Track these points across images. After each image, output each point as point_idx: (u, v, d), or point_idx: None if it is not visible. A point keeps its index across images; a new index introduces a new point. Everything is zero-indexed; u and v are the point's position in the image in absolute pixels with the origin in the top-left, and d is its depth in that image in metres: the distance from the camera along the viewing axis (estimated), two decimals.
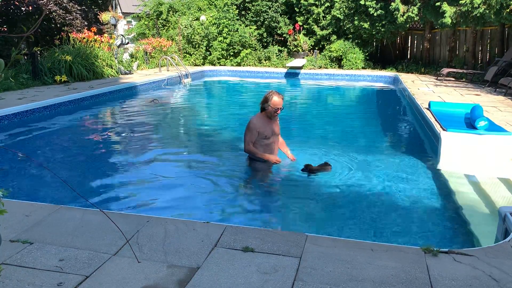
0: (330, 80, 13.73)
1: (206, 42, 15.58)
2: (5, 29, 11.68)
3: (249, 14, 16.12)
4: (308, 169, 4.49)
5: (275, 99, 4.50)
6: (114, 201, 3.98)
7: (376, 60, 15.49)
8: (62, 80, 9.80)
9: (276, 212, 3.84)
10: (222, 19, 15.43)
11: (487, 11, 9.50)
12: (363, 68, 14.55)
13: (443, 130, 5.28)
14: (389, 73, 13.74)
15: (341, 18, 14.59)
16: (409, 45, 15.82)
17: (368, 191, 4.21)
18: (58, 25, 12.45)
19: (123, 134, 6.87)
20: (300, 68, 14.16)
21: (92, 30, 11.71)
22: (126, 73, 12.10)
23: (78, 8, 12.99)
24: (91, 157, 5.52)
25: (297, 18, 15.58)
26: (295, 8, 15.59)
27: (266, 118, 4.61)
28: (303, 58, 15.04)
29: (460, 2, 10.19)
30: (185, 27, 15.58)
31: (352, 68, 14.45)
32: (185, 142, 6.44)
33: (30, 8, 11.51)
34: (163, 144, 6.18)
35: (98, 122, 7.81)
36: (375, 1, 13.54)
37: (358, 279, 2.23)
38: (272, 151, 4.69)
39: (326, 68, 14.75)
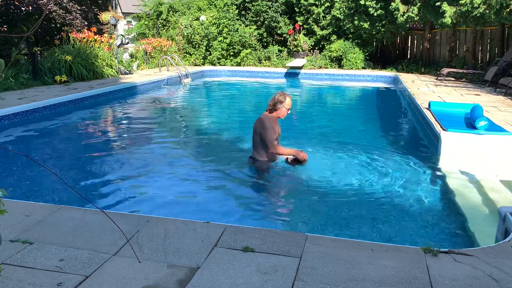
0: (330, 80, 13.73)
1: (206, 42, 15.58)
2: (5, 29, 11.67)
3: (249, 14, 16.12)
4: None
5: (288, 100, 4.59)
6: (114, 201, 3.98)
7: (376, 60, 15.50)
8: (62, 80, 9.80)
9: (276, 212, 3.84)
10: (222, 19, 15.43)
11: (487, 11, 9.50)
12: (363, 68, 14.55)
13: (443, 130, 5.28)
14: (389, 73, 13.74)
15: (341, 18, 14.59)
16: (409, 45, 15.82)
17: (368, 191, 4.21)
18: (58, 25, 12.44)
19: (123, 134, 6.87)
20: (300, 68, 14.16)
21: (92, 30, 11.71)
22: (126, 73, 12.10)
23: (78, 8, 12.99)
24: (91, 157, 5.51)
25: (297, 18, 15.58)
26: (295, 8, 15.60)
27: (275, 118, 4.65)
28: (303, 58, 15.04)
29: (460, 2, 10.20)
30: (185, 27, 15.58)
31: (352, 68, 14.45)
32: (185, 142, 6.44)
33: (30, 8, 11.51)
34: (163, 144, 6.18)
35: (98, 122, 7.81)
36: (375, 1, 13.54)
37: (358, 279, 2.23)
38: None
39: (326, 68, 14.75)
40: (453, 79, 11.97)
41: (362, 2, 13.67)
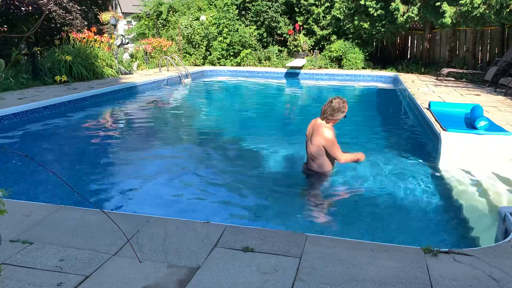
0: (330, 80, 13.73)
1: (206, 42, 15.58)
2: (5, 29, 11.67)
3: (249, 14, 16.12)
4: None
5: (347, 107, 4.24)
6: (114, 201, 3.98)
7: (376, 60, 15.48)
8: (62, 80, 9.81)
9: (276, 212, 3.84)
10: (222, 19, 15.43)
11: (487, 11, 9.50)
12: (363, 68, 14.55)
13: (443, 130, 5.28)
14: (389, 73, 13.74)
15: (341, 18, 14.59)
16: (409, 45, 15.81)
17: (368, 191, 4.21)
18: (58, 25, 12.44)
19: (123, 134, 6.87)
20: (300, 68, 14.16)
21: (92, 30, 11.72)
22: (126, 73, 12.10)
23: (78, 8, 12.98)
24: (91, 157, 5.52)
25: (297, 18, 15.58)
26: (295, 8, 15.59)
27: (331, 125, 4.33)
28: (303, 58, 15.04)
29: (460, 2, 10.19)
30: (185, 27, 15.58)
31: (352, 68, 14.44)
32: (185, 142, 6.44)
33: (30, 8, 11.50)
34: (163, 144, 6.18)
35: (98, 122, 7.81)
36: (375, 1, 13.53)
37: (358, 279, 2.23)
38: None
39: (326, 68, 14.75)
40: (453, 79, 11.97)
41: (362, 2, 13.67)
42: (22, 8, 11.50)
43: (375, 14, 13.62)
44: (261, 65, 15.56)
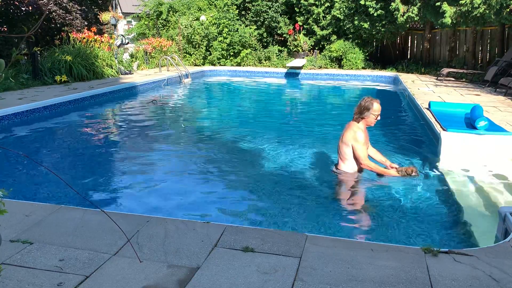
0: (330, 80, 13.73)
1: (206, 42, 15.58)
2: (5, 29, 11.67)
3: (249, 14, 16.12)
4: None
5: (376, 106, 4.20)
6: (114, 201, 3.98)
7: (376, 60, 15.49)
8: (62, 80, 9.81)
9: (276, 212, 3.84)
10: (222, 19, 15.44)
11: (487, 11, 9.50)
12: (363, 68, 14.55)
13: (443, 130, 5.29)
14: (389, 73, 13.74)
15: (341, 18, 14.59)
16: (409, 45, 15.82)
17: (368, 191, 4.21)
18: (58, 25, 12.44)
19: (123, 134, 6.87)
20: (300, 68, 14.16)
21: (92, 30, 11.71)
22: (126, 73, 12.10)
23: (78, 8, 12.98)
24: (91, 157, 5.51)
25: (297, 18, 15.59)
26: (295, 8, 15.60)
27: (364, 127, 4.30)
28: (303, 58, 15.04)
29: (460, 2, 10.19)
30: (185, 27, 15.58)
31: (352, 68, 14.45)
32: (185, 142, 6.44)
33: (30, 8, 11.50)
34: (163, 144, 6.18)
35: (98, 122, 7.81)
36: (375, 1, 13.54)
37: (358, 279, 2.23)
38: None
39: (326, 68, 14.75)
40: (453, 79, 11.97)
41: (362, 2, 13.67)
42: (22, 8, 11.50)
43: (375, 14, 13.62)
44: (261, 65, 15.56)
